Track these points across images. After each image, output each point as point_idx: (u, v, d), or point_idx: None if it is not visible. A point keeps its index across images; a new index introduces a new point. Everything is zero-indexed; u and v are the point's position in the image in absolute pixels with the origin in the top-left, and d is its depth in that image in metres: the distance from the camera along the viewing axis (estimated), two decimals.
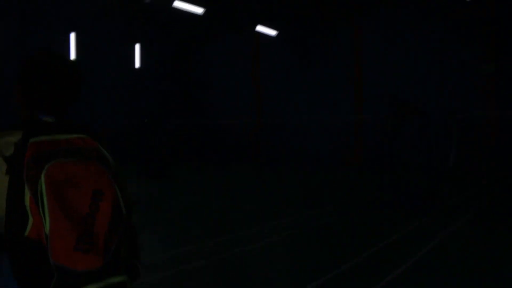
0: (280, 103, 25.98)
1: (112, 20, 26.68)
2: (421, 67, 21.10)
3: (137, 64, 28.22)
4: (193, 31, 29.73)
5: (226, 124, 27.43)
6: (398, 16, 21.71)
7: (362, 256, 6.01)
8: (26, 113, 1.62)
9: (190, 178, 16.88)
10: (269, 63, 26.64)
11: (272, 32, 23.71)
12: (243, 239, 7.07)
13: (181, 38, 30.83)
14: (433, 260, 5.80)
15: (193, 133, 30.91)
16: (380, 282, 4.91)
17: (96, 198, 1.39)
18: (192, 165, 23.18)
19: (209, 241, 6.96)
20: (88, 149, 1.50)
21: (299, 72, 25.18)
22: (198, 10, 17.27)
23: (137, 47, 28.13)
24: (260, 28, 22.56)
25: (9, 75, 19.11)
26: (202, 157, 29.19)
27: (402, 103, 10.92)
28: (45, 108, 1.61)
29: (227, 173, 18.71)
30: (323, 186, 14.51)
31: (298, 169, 20.23)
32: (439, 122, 17.93)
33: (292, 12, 24.75)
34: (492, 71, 19.04)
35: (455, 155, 15.27)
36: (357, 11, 22.69)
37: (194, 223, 8.66)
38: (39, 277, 1.34)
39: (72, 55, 24.88)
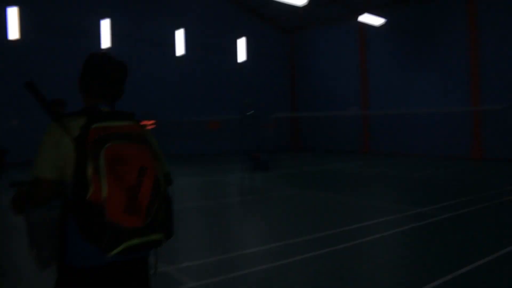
0: (388, 94, 24.79)
1: (216, 15, 27.37)
2: None
3: (241, 58, 28.70)
4: (297, 22, 29.51)
5: (332, 116, 26.85)
6: None
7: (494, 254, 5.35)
8: (89, 103, 2.10)
9: (298, 170, 16.72)
10: (376, 52, 25.50)
11: (379, 21, 22.64)
12: (362, 231, 6.71)
13: (285, 29, 30.78)
14: None
15: (299, 125, 30.79)
16: None
17: (141, 173, 1.84)
18: (300, 157, 23.03)
19: (320, 233, 6.70)
20: (134, 133, 1.95)
21: (408, 60, 23.73)
22: (300, 1, 16.93)
23: (241, 41, 28.60)
24: (366, 17, 21.64)
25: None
26: (309, 149, 28.97)
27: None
28: (102, 99, 2.10)
29: (339, 165, 18.25)
30: (443, 179, 13.46)
31: (410, 162, 19.13)
32: None
33: None
34: None
35: None
36: None
37: (308, 215, 8.45)
38: (96, 232, 1.77)
39: (180, 51, 25.95)
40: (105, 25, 23.55)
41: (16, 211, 1.99)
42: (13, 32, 20.05)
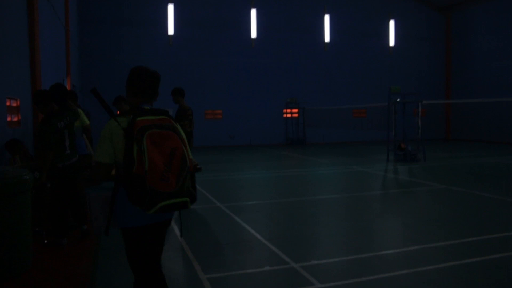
0: None
1: None
2: None
3: (392, 42, 27.12)
4: (451, 1, 26.85)
5: (493, 103, 23.91)
6: None
7: None
8: (133, 103, 2.88)
9: (449, 163, 15.22)
10: None
11: None
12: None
13: (440, 8, 28.22)
14: None
15: (453, 113, 28.19)
16: None
17: (172, 152, 2.58)
18: (452, 148, 21.05)
19: (469, 238, 5.81)
20: (167, 124, 2.70)
21: None
22: None
23: (392, 23, 27.00)
24: None
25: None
26: (462, 140, 26.39)
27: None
28: (144, 100, 2.89)
29: (496, 159, 16.21)
30: None
31: None
32: None
33: None
34: None
35: None
36: None
37: (456, 215, 7.50)
38: (140, 196, 2.51)
39: (327, 38, 25.46)
40: (253, 16, 24.19)
41: (92, 183, 2.84)
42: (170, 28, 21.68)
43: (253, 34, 24.17)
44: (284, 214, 7.78)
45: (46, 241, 5.62)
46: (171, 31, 22.88)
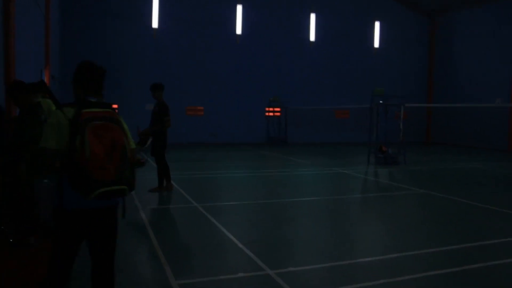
0: None
1: None
2: None
3: (377, 43, 27.18)
4: (439, 3, 26.98)
5: (474, 108, 24.07)
6: None
7: None
8: (80, 95, 3.08)
9: (430, 167, 15.25)
10: None
11: None
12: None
13: (425, 12, 28.36)
14: None
15: (434, 117, 28.39)
16: None
17: (113, 143, 2.81)
18: (432, 152, 21.17)
19: (449, 246, 5.72)
20: (110, 117, 2.92)
21: None
22: None
23: (377, 25, 27.04)
24: None
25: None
26: (443, 144, 26.60)
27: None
28: (90, 93, 3.06)
29: (476, 164, 16.31)
30: None
31: None
32: None
33: None
34: None
35: None
36: None
37: (436, 221, 7.42)
38: (80, 182, 2.73)
39: (312, 37, 25.40)
40: (239, 12, 23.96)
41: (34, 176, 3.30)
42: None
43: (238, 30, 23.93)
44: (262, 216, 7.61)
45: (11, 240, 5.34)
46: (155, 24, 22.51)
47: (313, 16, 25.31)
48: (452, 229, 6.88)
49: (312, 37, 25.44)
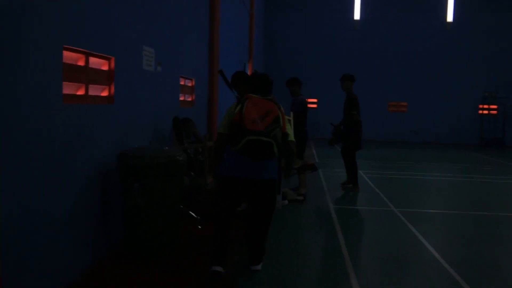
0: None
1: None
2: None
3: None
4: None
5: None
6: None
7: None
8: (245, 94, 4.11)
9: None
10: None
11: None
12: None
13: None
14: None
15: None
16: None
17: (267, 112, 3.85)
18: None
19: None
20: (269, 99, 3.99)
21: None
22: None
23: None
24: None
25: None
26: None
27: None
28: (254, 92, 4.07)
29: None
30: None
31: None
32: None
33: None
34: None
35: None
36: None
37: None
38: (238, 137, 3.84)
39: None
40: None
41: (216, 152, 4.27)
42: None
43: (449, 17, 21.68)
44: (471, 230, 6.36)
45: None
46: (357, 15, 21.92)
47: None
48: None
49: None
